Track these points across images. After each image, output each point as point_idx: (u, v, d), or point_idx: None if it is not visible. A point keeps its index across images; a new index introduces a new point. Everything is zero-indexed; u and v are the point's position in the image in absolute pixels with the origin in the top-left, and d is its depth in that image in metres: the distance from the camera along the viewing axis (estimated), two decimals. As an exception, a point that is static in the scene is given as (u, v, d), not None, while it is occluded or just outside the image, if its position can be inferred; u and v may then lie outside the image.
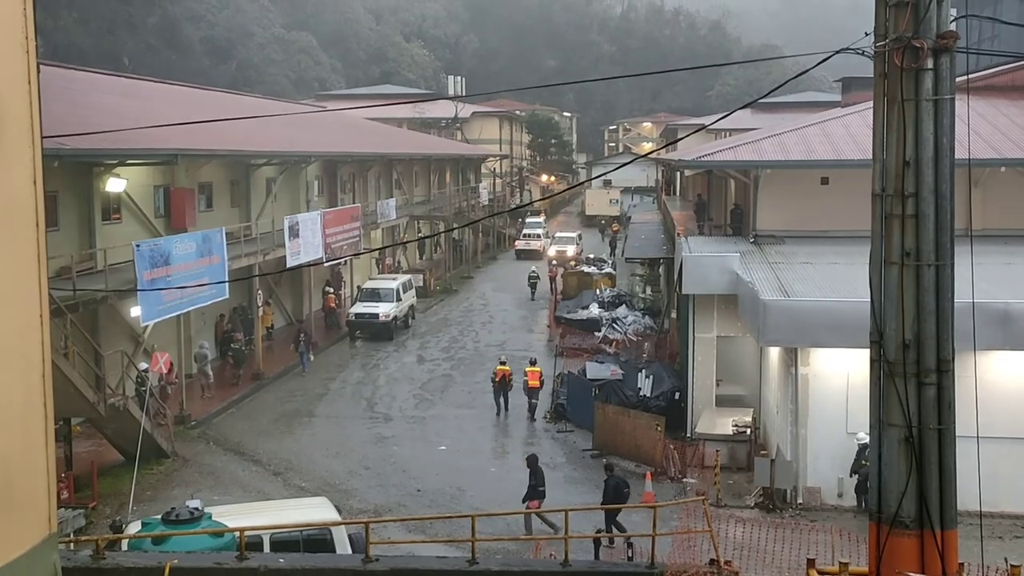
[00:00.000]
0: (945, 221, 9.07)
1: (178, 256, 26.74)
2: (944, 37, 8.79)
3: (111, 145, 25.47)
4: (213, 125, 30.70)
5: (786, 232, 27.25)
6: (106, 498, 22.39)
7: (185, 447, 26.43)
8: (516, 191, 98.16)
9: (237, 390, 32.08)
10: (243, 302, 37.30)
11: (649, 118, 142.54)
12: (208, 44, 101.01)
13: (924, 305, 9.10)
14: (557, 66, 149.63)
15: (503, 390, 30.00)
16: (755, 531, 18.20)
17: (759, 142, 28.83)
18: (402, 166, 59.31)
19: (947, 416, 9.20)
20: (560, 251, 64.76)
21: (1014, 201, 26.01)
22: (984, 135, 26.05)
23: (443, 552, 17.88)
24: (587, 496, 22.93)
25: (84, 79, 39.99)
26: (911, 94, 8.91)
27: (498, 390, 30.05)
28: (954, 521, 9.30)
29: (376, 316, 40.60)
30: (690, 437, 26.04)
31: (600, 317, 40.01)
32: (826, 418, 21.35)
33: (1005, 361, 20.70)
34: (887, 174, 9.17)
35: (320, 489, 22.90)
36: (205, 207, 34.75)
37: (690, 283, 26.02)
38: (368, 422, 29.44)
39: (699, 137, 63.92)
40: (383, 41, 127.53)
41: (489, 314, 47.80)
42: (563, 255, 63.43)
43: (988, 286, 20.85)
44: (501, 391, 30.03)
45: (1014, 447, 20.49)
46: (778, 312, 20.92)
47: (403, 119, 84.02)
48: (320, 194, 46.03)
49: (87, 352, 24.26)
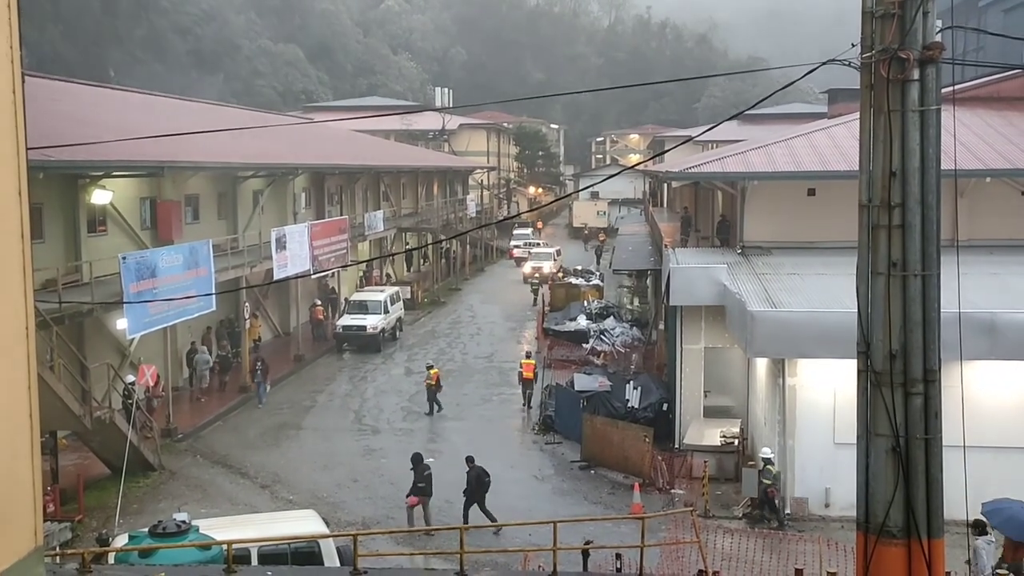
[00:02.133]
0: (931, 231, 9.10)
1: (164, 268, 26.65)
2: (930, 48, 8.83)
3: (97, 157, 25.41)
4: (200, 137, 30.59)
5: (773, 243, 27.34)
6: (92, 511, 22.26)
7: (172, 460, 26.30)
8: (504, 203, 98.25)
9: (224, 402, 31.95)
10: (230, 315, 37.20)
11: (636, 130, 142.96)
12: (195, 56, 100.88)
13: (911, 315, 9.12)
14: (544, 78, 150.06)
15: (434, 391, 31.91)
16: (743, 542, 18.21)
17: (746, 153, 28.94)
18: (389, 178, 59.31)
19: (934, 426, 9.22)
20: (536, 267, 61.74)
21: (999, 211, 26.17)
22: (969, 146, 26.21)
23: (432, 565, 17.84)
24: (575, 508, 22.92)
25: (70, 90, 39.91)
26: (897, 105, 8.95)
27: (432, 391, 31.84)
28: (941, 530, 9.31)
29: (364, 328, 40.54)
30: (678, 448, 26.05)
31: (588, 329, 40.04)
32: (813, 429, 21.40)
33: (991, 371, 20.79)
34: (873, 185, 9.21)
35: (308, 502, 22.80)
36: (192, 219, 34.67)
37: (678, 294, 26.07)
38: (356, 434, 29.36)
39: (686, 149, 64.04)
40: (370, 53, 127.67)
41: (477, 326, 47.78)
42: (539, 271, 60.68)
43: (974, 296, 20.93)
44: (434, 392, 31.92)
45: (1000, 456, 20.58)
46: (765, 323, 20.97)
47: (390, 131, 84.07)
48: (307, 206, 45.98)
49: (73, 365, 24.14)
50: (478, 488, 21.91)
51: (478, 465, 22.33)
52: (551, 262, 62.86)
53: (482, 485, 21.97)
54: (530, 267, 62.73)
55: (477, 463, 22.39)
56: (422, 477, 22.02)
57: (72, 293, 24.95)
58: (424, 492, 22.03)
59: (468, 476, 22.14)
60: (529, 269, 62.47)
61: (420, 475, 22.04)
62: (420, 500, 22.03)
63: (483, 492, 21.98)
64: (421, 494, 22.03)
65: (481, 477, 22.03)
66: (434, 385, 31.81)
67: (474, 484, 21.96)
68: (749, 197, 27.46)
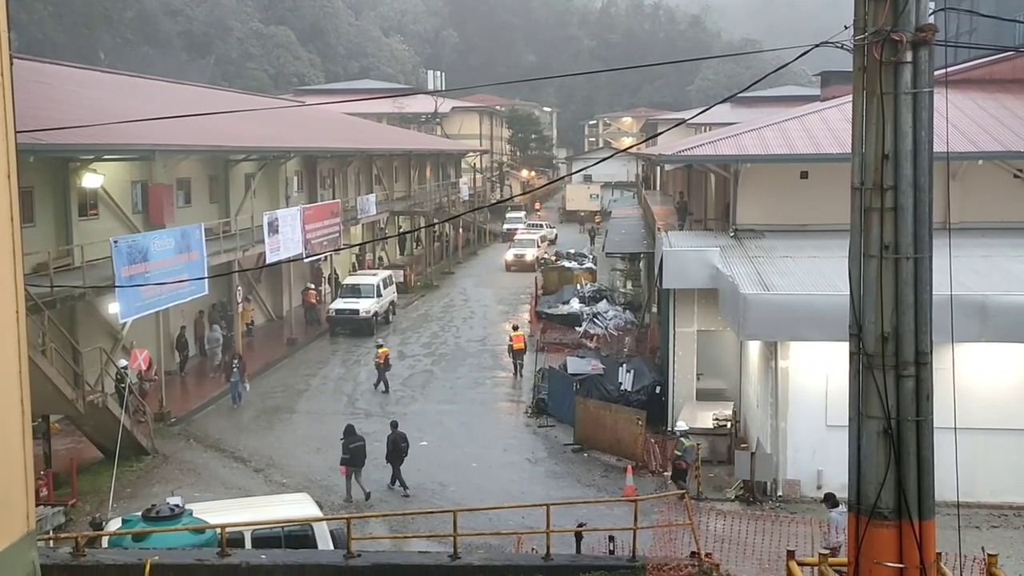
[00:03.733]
0: (923, 214, 9.11)
1: (156, 252, 26.55)
2: (923, 30, 8.82)
3: (88, 140, 25.26)
4: (191, 120, 30.52)
5: (766, 226, 27.35)
6: (86, 495, 22.24)
7: (165, 444, 26.29)
8: (496, 186, 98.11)
9: (218, 386, 31.93)
10: (223, 299, 37.13)
11: (629, 113, 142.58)
12: (186, 39, 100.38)
13: (903, 298, 9.14)
14: (537, 61, 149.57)
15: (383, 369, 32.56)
16: (735, 524, 18.29)
17: (739, 136, 28.91)
18: (382, 162, 59.15)
19: (925, 408, 9.26)
20: (519, 254, 58.57)
21: (991, 194, 26.21)
22: (962, 128, 26.22)
23: (425, 547, 17.90)
24: (568, 491, 22.99)
25: (59, 73, 39.66)
26: (890, 87, 8.94)
27: (381, 369, 32.48)
28: (932, 511, 9.36)
29: (357, 312, 40.51)
30: (671, 431, 26.13)
31: (581, 312, 40.07)
32: (805, 411, 21.46)
33: (982, 353, 20.86)
34: (866, 167, 9.21)
35: (301, 485, 22.85)
36: (183, 203, 34.53)
37: (670, 278, 26.09)
38: (349, 418, 29.30)
39: (679, 132, 64.08)
40: (362, 36, 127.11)
41: (470, 309, 47.78)
42: (522, 259, 57.85)
43: (966, 279, 21.02)
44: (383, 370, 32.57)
45: (991, 438, 20.67)
46: (758, 306, 21.00)
47: (383, 114, 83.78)
48: (300, 190, 45.84)
49: (65, 349, 24.09)
50: (394, 451, 23.29)
51: (400, 431, 23.74)
52: (535, 249, 59.89)
53: (398, 449, 23.32)
54: (512, 254, 59.34)
55: (400, 429, 23.88)
56: (347, 448, 22.83)
57: (63, 277, 24.86)
58: (352, 463, 22.81)
59: (387, 440, 23.55)
60: (512, 256, 59.06)
61: (346, 447, 22.86)
62: (349, 470, 22.83)
63: (399, 456, 23.30)
64: (349, 464, 22.82)
65: (398, 443, 23.34)
66: (382, 364, 32.41)
67: (390, 447, 23.35)
68: (742, 180, 27.45)
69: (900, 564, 9.24)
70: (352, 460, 22.73)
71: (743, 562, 16.62)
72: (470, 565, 14.12)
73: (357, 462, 22.78)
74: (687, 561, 14.72)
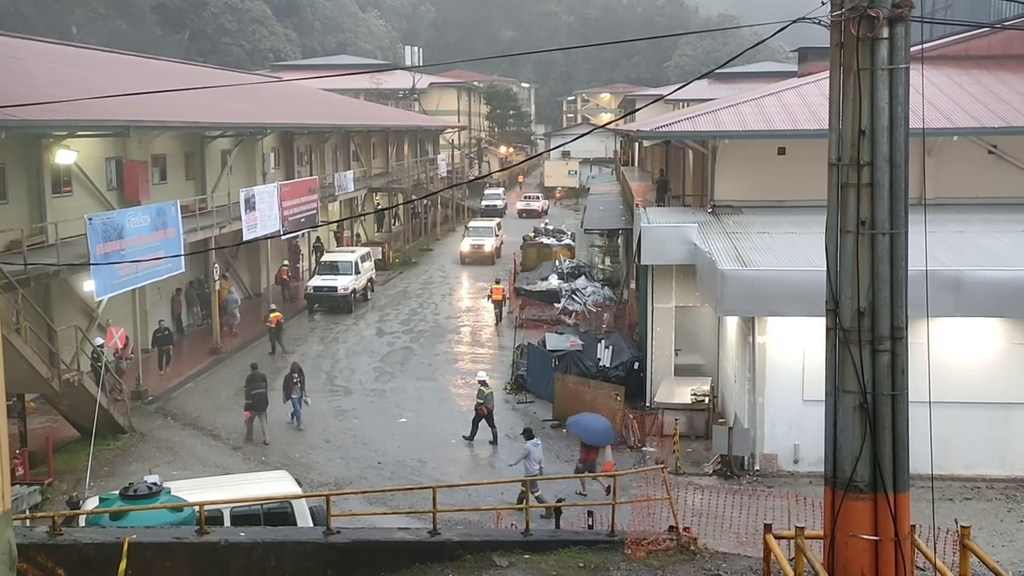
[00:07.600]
0: (899, 190, 9.16)
1: (132, 230, 26.34)
2: (899, 6, 8.84)
3: (61, 116, 24.94)
4: (166, 96, 30.13)
5: (744, 202, 27.42)
6: (62, 474, 22.14)
7: (142, 422, 26.18)
8: (475, 162, 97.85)
9: (194, 364, 31.80)
10: (200, 276, 36.90)
11: (607, 89, 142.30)
12: (160, 13, 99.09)
13: (879, 273, 9.21)
14: (515, 37, 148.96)
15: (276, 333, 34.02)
16: (713, 498, 18.44)
17: (717, 112, 28.91)
18: (360, 138, 58.82)
19: (900, 382, 9.35)
20: (476, 246, 53.38)
21: (966, 170, 26.36)
22: (937, 105, 26.33)
23: (405, 524, 17.94)
24: (547, 466, 23.06)
25: (31, 48, 39.13)
26: (867, 63, 8.97)
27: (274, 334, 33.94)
28: (906, 484, 9.48)
29: (335, 289, 40.37)
30: (649, 406, 26.26)
31: (559, 288, 40.11)
32: (782, 386, 21.60)
33: (957, 328, 21.06)
34: (843, 143, 9.25)
35: (280, 463, 22.80)
36: (159, 180, 34.22)
37: (648, 254, 26.14)
38: (328, 395, 29.33)
39: (657, 108, 64.06)
40: (339, 11, 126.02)
41: (449, 286, 47.74)
42: (479, 251, 53.13)
43: (941, 254, 21.18)
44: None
45: (964, 412, 20.90)
46: (736, 282, 21.08)
47: (360, 90, 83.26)
48: (277, 166, 45.52)
49: (40, 327, 23.89)
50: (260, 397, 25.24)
51: (260, 371, 25.93)
52: (493, 239, 54.97)
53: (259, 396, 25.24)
54: (469, 245, 53.65)
55: (259, 369, 26.10)
56: (249, 395, 25.07)
57: (37, 255, 24.62)
58: (254, 408, 24.98)
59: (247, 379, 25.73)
60: (468, 247, 53.45)
61: (248, 392, 25.13)
62: (253, 414, 25.00)
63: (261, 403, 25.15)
64: (252, 409, 25.02)
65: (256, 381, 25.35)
66: (274, 328, 33.70)
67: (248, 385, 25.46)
68: (720, 156, 27.48)
69: (875, 536, 9.36)
70: (254, 405, 24.99)
71: (721, 536, 16.75)
72: (449, 541, 14.17)
73: (259, 406, 24.98)
74: (665, 535, 14.84)
